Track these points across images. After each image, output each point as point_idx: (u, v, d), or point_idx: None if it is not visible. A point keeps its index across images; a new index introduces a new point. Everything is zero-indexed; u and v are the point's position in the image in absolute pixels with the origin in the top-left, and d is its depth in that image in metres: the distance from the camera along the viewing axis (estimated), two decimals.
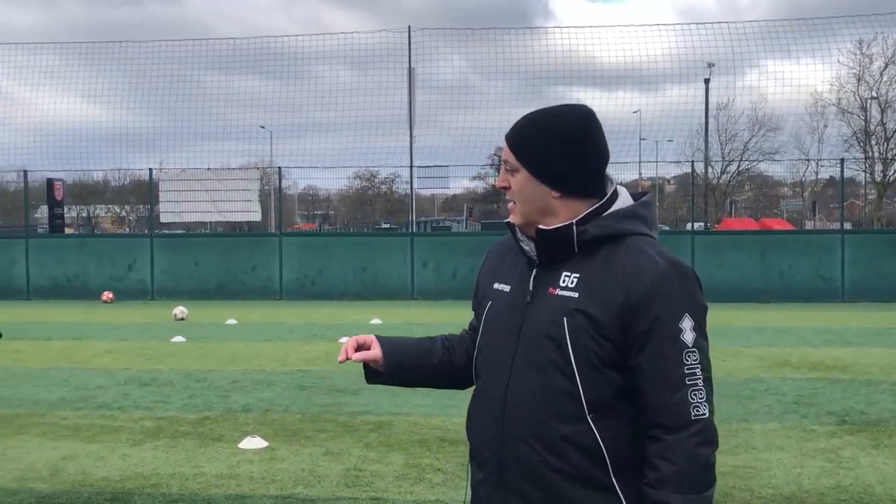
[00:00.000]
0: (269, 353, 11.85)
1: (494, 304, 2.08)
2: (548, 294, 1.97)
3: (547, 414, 1.92)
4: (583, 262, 1.96)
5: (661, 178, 60.31)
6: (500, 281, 2.10)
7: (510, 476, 1.97)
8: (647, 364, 1.87)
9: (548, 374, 1.92)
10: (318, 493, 5.51)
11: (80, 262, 22.17)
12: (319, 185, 55.40)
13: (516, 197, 2.02)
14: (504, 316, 2.03)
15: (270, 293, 21.59)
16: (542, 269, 2.01)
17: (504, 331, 2.02)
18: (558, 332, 1.91)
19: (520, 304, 2.01)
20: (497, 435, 1.98)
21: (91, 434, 7.11)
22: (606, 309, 1.88)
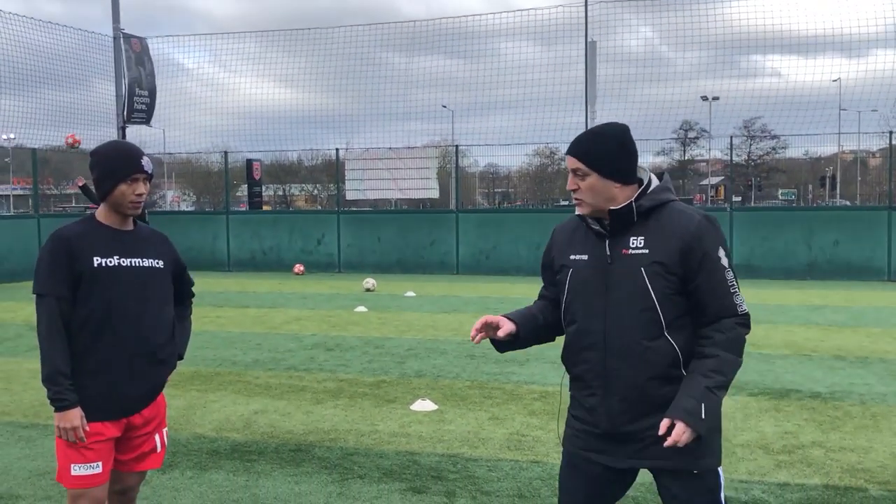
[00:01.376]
0: (443, 323, 12.32)
1: (577, 270, 2.86)
2: (622, 255, 2.78)
3: (639, 336, 2.75)
4: (642, 227, 2.79)
5: (864, 150, 56.28)
6: (575, 253, 2.88)
7: (615, 386, 2.78)
8: (704, 283, 2.73)
9: (636, 308, 2.75)
10: (482, 454, 5.79)
11: (274, 236, 23.74)
12: (500, 162, 55.94)
13: (585, 195, 2.81)
14: (590, 276, 2.82)
15: (447, 268, 22.22)
16: (613, 238, 2.81)
17: (592, 286, 2.82)
18: (640, 279, 2.74)
19: (601, 266, 2.81)
20: (601, 359, 2.79)
21: (279, 392, 7.78)
22: (670, 254, 2.73)
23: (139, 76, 24.65)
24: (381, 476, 5.33)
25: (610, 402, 2.79)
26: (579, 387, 2.89)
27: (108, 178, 3.26)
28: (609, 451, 2.83)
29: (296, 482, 5.22)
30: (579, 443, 2.90)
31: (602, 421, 2.82)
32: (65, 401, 3.09)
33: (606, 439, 2.84)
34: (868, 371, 8.58)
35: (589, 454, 2.88)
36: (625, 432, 2.79)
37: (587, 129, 2.93)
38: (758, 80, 40.94)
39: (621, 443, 2.81)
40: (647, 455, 2.80)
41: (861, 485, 5.10)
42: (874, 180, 57.24)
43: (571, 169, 2.82)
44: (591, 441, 2.87)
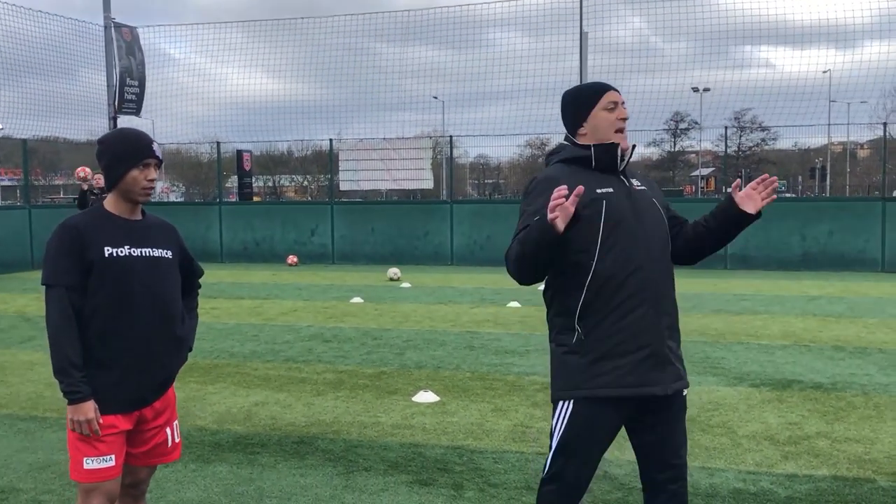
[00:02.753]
0: (440, 314, 12.28)
1: (610, 201, 3.01)
2: (635, 189, 3.12)
3: (668, 257, 3.15)
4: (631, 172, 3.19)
5: (853, 142, 56.44)
6: (600, 187, 3.02)
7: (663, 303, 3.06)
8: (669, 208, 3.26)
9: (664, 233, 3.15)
10: (486, 446, 5.76)
11: (266, 227, 23.63)
12: (490, 153, 55.83)
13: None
14: (623, 205, 3.04)
15: (441, 258, 22.17)
16: (623, 175, 3.13)
17: (629, 214, 3.04)
18: (657, 209, 3.14)
19: (627, 196, 3.07)
20: (649, 279, 3.01)
21: (279, 384, 7.72)
22: (658, 193, 3.24)
23: (130, 66, 24.44)
24: (387, 468, 5.28)
25: (660, 317, 3.02)
26: (625, 314, 2.97)
27: (118, 164, 3.19)
28: (659, 379, 3.00)
29: (301, 475, 5.17)
30: (628, 380, 2.97)
31: (656, 339, 3.00)
32: (78, 393, 3.03)
33: (658, 364, 3.01)
34: (867, 361, 8.58)
35: (639, 390, 2.98)
36: (671, 349, 3.06)
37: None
38: (749, 71, 40.98)
39: (668, 365, 3.03)
40: (679, 376, 3.09)
41: (869, 476, 5.09)
42: (863, 171, 57.43)
43: (622, 102, 3.13)
44: (642, 373, 2.98)
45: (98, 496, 3.11)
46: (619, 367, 2.95)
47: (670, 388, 3.03)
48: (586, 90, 3.17)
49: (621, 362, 2.96)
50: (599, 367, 2.97)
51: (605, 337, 2.97)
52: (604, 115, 3.09)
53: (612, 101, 3.10)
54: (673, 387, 3.04)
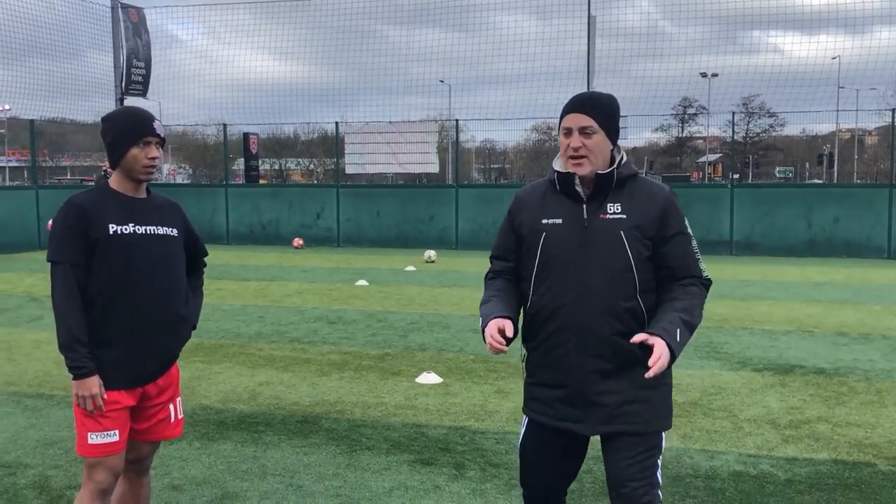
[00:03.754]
0: (444, 298, 12.31)
1: (551, 233, 2.90)
2: (600, 218, 2.88)
3: (616, 296, 2.85)
4: (617, 194, 2.90)
5: (861, 129, 56.14)
6: (548, 217, 2.92)
7: (591, 343, 2.85)
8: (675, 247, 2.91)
9: (614, 269, 2.85)
10: (488, 427, 5.79)
11: (273, 210, 23.65)
12: (497, 138, 55.72)
13: (590, 154, 2.86)
14: (566, 239, 2.89)
15: (447, 242, 22.18)
16: (590, 203, 2.89)
17: (569, 249, 2.88)
18: (619, 241, 2.85)
19: (577, 229, 2.88)
20: (578, 317, 2.85)
21: (284, 364, 7.76)
22: (649, 219, 2.88)
23: (136, 47, 24.43)
24: (390, 448, 5.32)
25: (584, 359, 2.87)
26: (550, 349, 2.92)
27: (120, 142, 3.21)
28: (581, 417, 2.90)
29: (304, 453, 5.21)
30: (550, 412, 2.95)
31: (576, 380, 2.88)
32: (83, 368, 3.06)
33: (579, 404, 2.90)
34: (871, 347, 8.59)
35: (560, 424, 2.94)
36: (598, 392, 2.87)
37: (584, 92, 3.00)
38: (758, 56, 40.82)
39: (593, 407, 2.89)
40: (618, 419, 2.89)
41: (869, 460, 5.12)
42: (871, 159, 57.19)
43: (579, 127, 2.86)
44: (562, 409, 2.92)
45: (102, 471, 3.15)
46: (544, 398, 2.97)
47: (596, 429, 2.91)
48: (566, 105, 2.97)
49: (546, 393, 2.96)
50: (533, 391, 3.02)
51: (535, 364, 3.00)
52: (561, 138, 2.94)
53: (566, 126, 2.89)
54: (601, 429, 2.90)
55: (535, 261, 2.93)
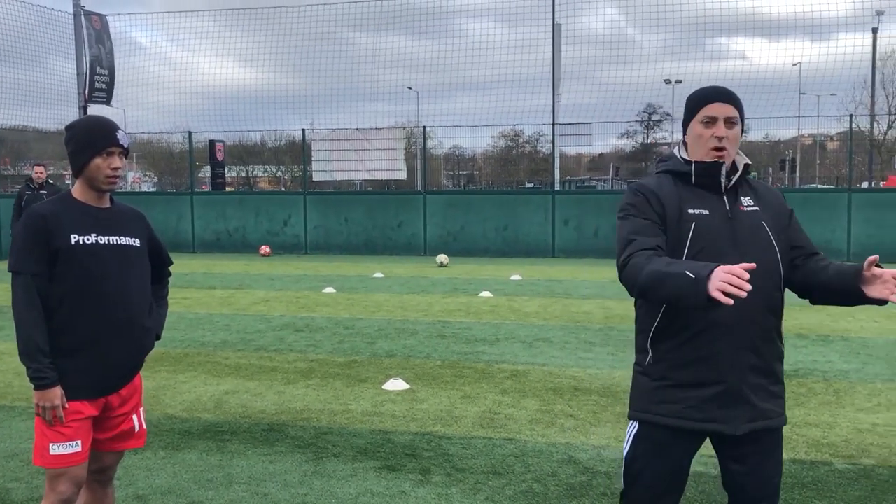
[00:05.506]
0: (412, 304, 12.34)
1: (701, 223, 2.79)
2: (739, 210, 2.83)
3: (771, 289, 2.80)
4: (744, 188, 2.89)
5: (822, 134, 57.08)
6: (693, 208, 2.80)
7: (749, 335, 2.76)
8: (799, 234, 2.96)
9: (766, 260, 2.78)
10: (455, 432, 5.83)
11: (239, 217, 23.53)
12: (465, 144, 55.82)
13: (730, 145, 2.82)
14: (717, 229, 2.79)
15: (415, 249, 22.22)
16: (728, 195, 2.84)
17: (720, 238, 2.78)
18: (764, 233, 2.82)
19: (724, 219, 2.80)
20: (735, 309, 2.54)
21: (250, 373, 7.74)
22: (779, 213, 2.90)
23: (99, 54, 24.19)
24: (356, 454, 5.34)
25: (741, 353, 2.75)
26: (700, 346, 2.75)
27: (82, 151, 3.21)
28: (729, 417, 2.75)
29: (270, 461, 5.21)
30: (693, 414, 2.77)
31: (732, 377, 2.73)
32: (45, 379, 3.05)
33: (730, 402, 2.75)
34: (830, 349, 8.76)
35: (705, 426, 2.77)
36: (750, 389, 2.76)
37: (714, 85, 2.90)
38: (723, 63, 41.36)
39: (743, 404, 2.76)
40: (761, 415, 2.79)
41: (826, 459, 5.23)
42: (832, 163, 58.12)
43: (726, 117, 2.82)
44: (710, 409, 2.76)
45: (65, 482, 3.14)
46: (687, 399, 2.78)
47: (741, 427, 2.77)
48: (695, 96, 2.90)
49: (689, 394, 2.77)
50: (667, 394, 2.82)
51: (675, 365, 2.80)
52: (699, 128, 2.84)
53: (709, 115, 2.81)
54: (745, 427, 2.78)
55: (684, 254, 2.76)
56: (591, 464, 5.14)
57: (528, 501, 4.57)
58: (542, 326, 10.24)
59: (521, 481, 4.87)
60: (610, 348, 8.84)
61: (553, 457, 5.30)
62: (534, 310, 11.69)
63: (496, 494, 4.66)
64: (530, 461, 5.22)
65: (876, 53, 36.75)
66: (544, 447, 5.49)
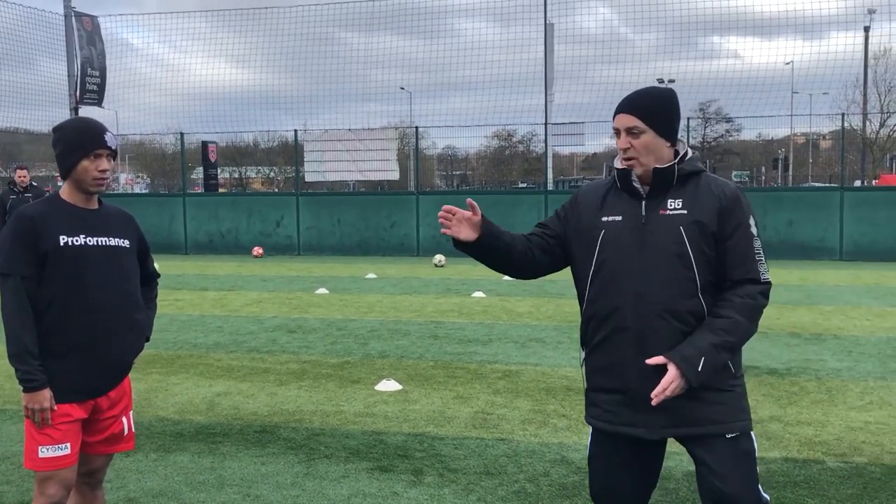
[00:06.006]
0: (405, 305, 12.33)
1: (610, 230, 2.85)
2: (659, 214, 2.81)
3: (676, 295, 2.77)
4: (679, 190, 2.84)
5: (815, 133, 57.25)
6: (608, 215, 2.88)
7: (651, 343, 2.77)
8: (734, 246, 2.79)
9: (674, 266, 2.78)
10: (447, 432, 5.82)
11: (232, 218, 23.48)
12: (458, 144, 55.83)
13: (639, 154, 2.82)
14: (624, 236, 2.83)
15: (408, 249, 22.20)
16: (649, 199, 2.84)
17: (627, 246, 2.82)
18: (679, 238, 2.78)
19: (636, 226, 2.82)
20: (637, 318, 2.78)
21: (242, 374, 7.72)
22: (709, 214, 2.79)
23: (91, 56, 24.12)
24: (348, 456, 5.33)
25: (643, 361, 2.77)
26: (608, 352, 2.86)
27: (70, 153, 3.19)
28: (642, 421, 2.81)
29: (262, 463, 5.20)
30: (611, 418, 2.87)
31: (635, 383, 2.79)
32: (34, 381, 3.04)
33: (639, 408, 2.79)
34: (823, 347, 8.78)
35: (624, 429, 2.85)
36: None
37: (638, 90, 2.93)
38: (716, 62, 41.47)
39: (654, 410, 2.77)
40: (682, 422, 2.80)
41: (819, 457, 5.24)
42: (825, 162, 58.27)
43: (626, 128, 2.84)
44: (624, 413, 2.84)
45: (54, 484, 3.12)
46: (605, 402, 2.90)
47: (660, 433, 2.82)
48: None
49: (605, 398, 2.90)
50: (593, 397, 2.97)
51: (593, 370, 2.95)
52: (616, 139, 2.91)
53: (615, 127, 2.88)
54: (666, 432, 2.82)
55: (593, 260, 2.88)
56: (584, 464, 5.12)
57: (520, 502, 4.56)
58: (534, 326, 10.24)
59: (513, 481, 4.86)
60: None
61: (546, 457, 5.29)
62: (526, 310, 11.69)
63: (488, 495, 4.66)
64: (523, 461, 5.21)
65: (868, 52, 36.91)
66: (537, 447, 5.49)
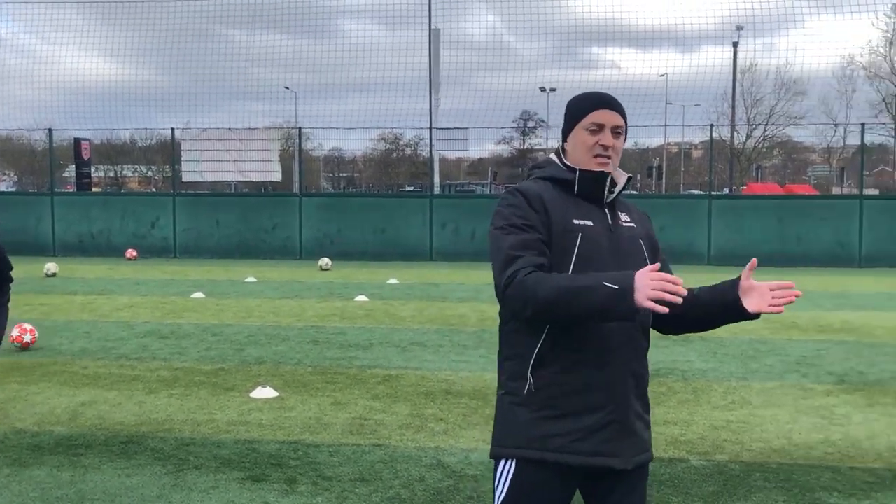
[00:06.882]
0: (285, 309, 12.12)
1: (586, 235, 2.56)
2: (620, 224, 2.63)
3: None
4: (620, 203, 2.69)
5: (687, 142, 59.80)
6: (578, 218, 2.57)
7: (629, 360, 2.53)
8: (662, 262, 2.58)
9: None
10: (323, 440, 5.74)
11: (104, 219, 22.55)
12: (345, 146, 55.47)
13: (615, 155, 2.63)
14: (600, 242, 2.57)
15: (290, 252, 21.87)
16: (609, 207, 2.63)
17: (604, 253, 2.56)
18: (640, 250, 2.62)
19: (607, 232, 2.58)
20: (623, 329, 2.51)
21: (109, 382, 7.40)
22: (649, 233, 2.70)
23: None
24: (219, 465, 5.17)
25: (626, 377, 2.51)
26: (584, 371, 2.49)
27: None
28: (618, 450, 2.49)
29: (126, 475, 4.98)
30: (579, 447, 2.47)
31: (619, 403, 2.48)
32: None
33: (617, 433, 2.49)
34: (689, 349, 9.14)
35: (592, 460, 2.48)
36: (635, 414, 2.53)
37: (601, 91, 2.70)
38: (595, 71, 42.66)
39: (630, 435, 2.51)
40: (643, 447, 2.57)
41: (683, 456, 5.43)
42: (696, 171, 60.92)
43: (614, 126, 2.60)
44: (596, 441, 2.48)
45: None
46: (574, 431, 2.47)
47: (631, 461, 2.52)
48: (580, 101, 2.67)
49: (576, 425, 2.47)
50: (551, 426, 2.49)
51: (560, 393, 2.49)
52: (583, 135, 2.60)
53: (597, 122, 2.59)
54: (635, 460, 2.54)
55: (570, 266, 2.49)
56: (459, 467, 5.16)
57: None
58: (416, 330, 10.24)
59: (388, 487, 4.83)
60: (483, 350, 8.93)
61: (422, 462, 5.28)
62: (409, 314, 11.69)
63: (362, 502, 4.60)
64: (399, 467, 5.18)
65: (736, 66, 38.83)
66: (413, 452, 5.47)
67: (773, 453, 5.48)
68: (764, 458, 5.37)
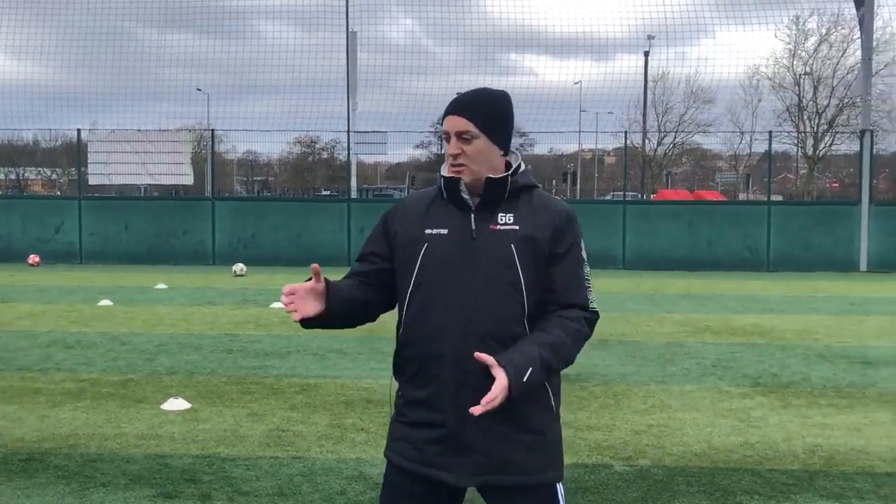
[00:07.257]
0: (198, 317, 11.74)
1: (434, 244, 2.52)
2: (489, 230, 2.51)
3: (503, 320, 2.46)
4: (511, 204, 2.55)
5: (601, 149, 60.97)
6: (432, 227, 2.54)
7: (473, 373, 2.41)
8: (564, 269, 2.53)
9: (503, 287, 2.47)
10: (238, 453, 5.52)
11: (4, 223, 21.55)
12: (260, 149, 54.50)
13: (470, 161, 2.52)
14: (450, 251, 2.51)
15: (202, 257, 21.31)
16: (479, 213, 2.53)
17: (453, 263, 2.50)
18: (509, 255, 2.48)
19: (464, 241, 2.51)
20: (458, 343, 2.44)
21: (9, 396, 6.99)
22: (543, 231, 2.51)
23: None
24: (128, 482, 4.91)
25: (462, 394, 2.43)
26: (422, 382, 2.51)
27: None
28: (449, 464, 2.46)
29: (27, 496, 4.67)
30: (416, 455, 2.51)
31: (452, 419, 2.45)
32: None
33: (452, 447, 2.47)
34: (609, 353, 9.21)
35: (426, 470, 2.49)
36: (481, 431, 2.44)
37: (471, 90, 2.61)
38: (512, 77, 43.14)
39: (469, 452, 2.46)
40: (501, 468, 2.47)
41: (607, 461, 5.42)
42: (609, 177, 62.17)
43: (457, 132, 2.52)
44: (431, 453, 2.49)
45: None
46: (415, 439, 2.51)
47: (469, 480, 2.48)
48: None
49: (414, 434, 2.52)
50: (399, 430, 2.58)
51: (407, 401, 2.57)
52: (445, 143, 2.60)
53: (445, 130, 2.56)
54: (476, 479, 2.48)
55: (412, 277, 2.52)
56: (381, 479, 5.01)
57: None
58: (335, 337, 10.04)
59: (308, 502, 4.65)
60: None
61: (343, 473, 5.12)
62: None
63: None
64: (319, 479, 5.01)
65: (648, 75, 39.77)
66: (334, 464, 5.30)
67: (695, 457, 5.52)
68: (686, 463, 5.40)
